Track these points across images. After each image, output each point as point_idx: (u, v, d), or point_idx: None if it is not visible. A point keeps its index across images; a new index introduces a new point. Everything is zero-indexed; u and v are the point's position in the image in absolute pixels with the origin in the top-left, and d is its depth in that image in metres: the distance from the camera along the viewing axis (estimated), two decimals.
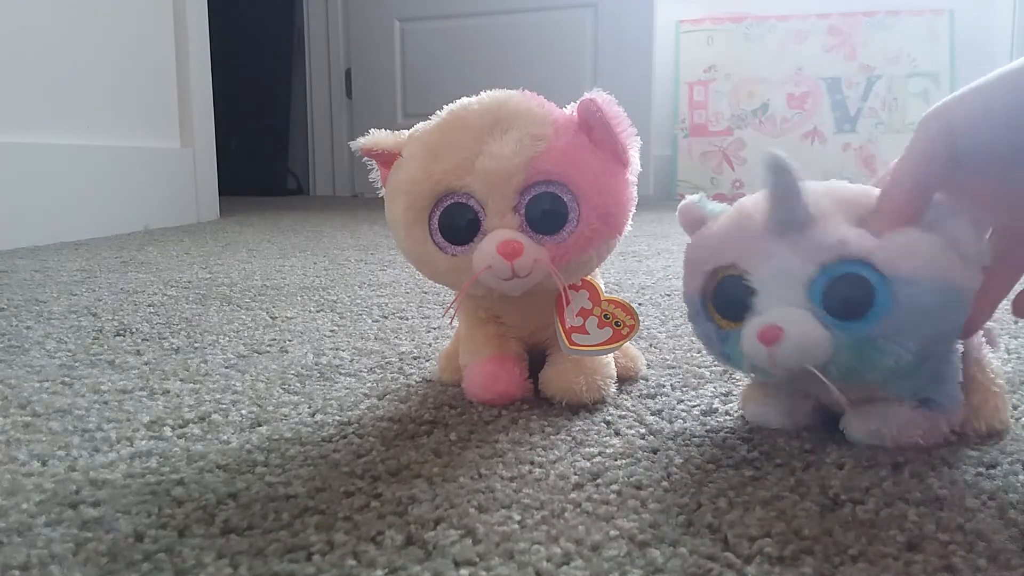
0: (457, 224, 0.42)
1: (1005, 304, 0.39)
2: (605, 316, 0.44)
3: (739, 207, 0.38)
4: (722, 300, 0.38)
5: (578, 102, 0.43)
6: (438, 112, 0.44)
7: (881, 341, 0.34)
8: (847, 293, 0.34)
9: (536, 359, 0.48)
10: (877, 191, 0.36)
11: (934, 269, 0.34)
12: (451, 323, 0.49)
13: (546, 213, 0.42)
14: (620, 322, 0.44)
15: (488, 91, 0.44)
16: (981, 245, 0.35)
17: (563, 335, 0.44)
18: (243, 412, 0.44)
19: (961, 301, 0.35)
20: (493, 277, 0.41)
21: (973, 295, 0.35)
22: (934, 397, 0.37)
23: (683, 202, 0.41)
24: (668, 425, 0.41)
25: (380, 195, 0.47)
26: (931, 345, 0.35)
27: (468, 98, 0.44)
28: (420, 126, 0.44)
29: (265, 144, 2.75)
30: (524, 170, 0.41)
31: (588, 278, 0.45)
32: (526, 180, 0.41)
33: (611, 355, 0.47)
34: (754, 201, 0.37)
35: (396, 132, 0.45)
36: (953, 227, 0.34)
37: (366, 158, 0.46)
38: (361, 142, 0.44)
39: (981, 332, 0.45)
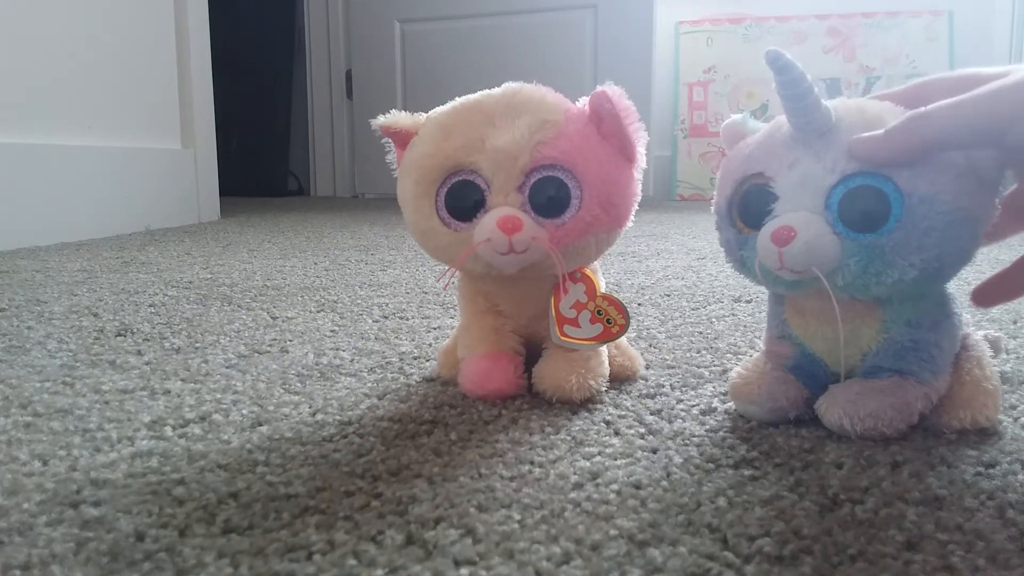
0: (462, 201, 0.43)
1: (1002, 305, 0.39)
2: (598, 312, 0.45)
3: (775, 121, 0.39)
4: (746, 207, 0.39)
5: (590, 95, 0.43)
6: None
7: (889, 253, 0.35)
8: (863, 205, 0.35)
9: (532, 353, 0.48)
10: (899, 110, 0.36)
11: (952, 192, 0.34)
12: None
13: (551, 200, 0.43)
14: (612, 320, 0.45)
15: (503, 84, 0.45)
16: (1001, 173, 0.36)
17: (555, 324, 0.45)
18: (244, 412, 0.44)
19: (973, 227, 0.36)
20: (491, 251, 0.42)
21: (986, 223, 0.36)
22: (913, 366, 0.38)
23: (727, 120, 0.42)
24: (667, 425, 0.41)
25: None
26: (936, 264, 0.36)
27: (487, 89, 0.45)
28: (438, 108, 0.45)
29: (266, 145, 2.75)
30: (531, 152, 0.42)
31: (588, 272, 0.46)
32: (532, 162, 0.42)
33: (605, 355, 0.47)
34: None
35: (414, 114, 0.46)
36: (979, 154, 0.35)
37: (385, 138, 0.47)
38: (381, 120, 0.46)
39: (985, 334, 0.45)
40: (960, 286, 0.39)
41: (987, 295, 0.39)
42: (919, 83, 0.39)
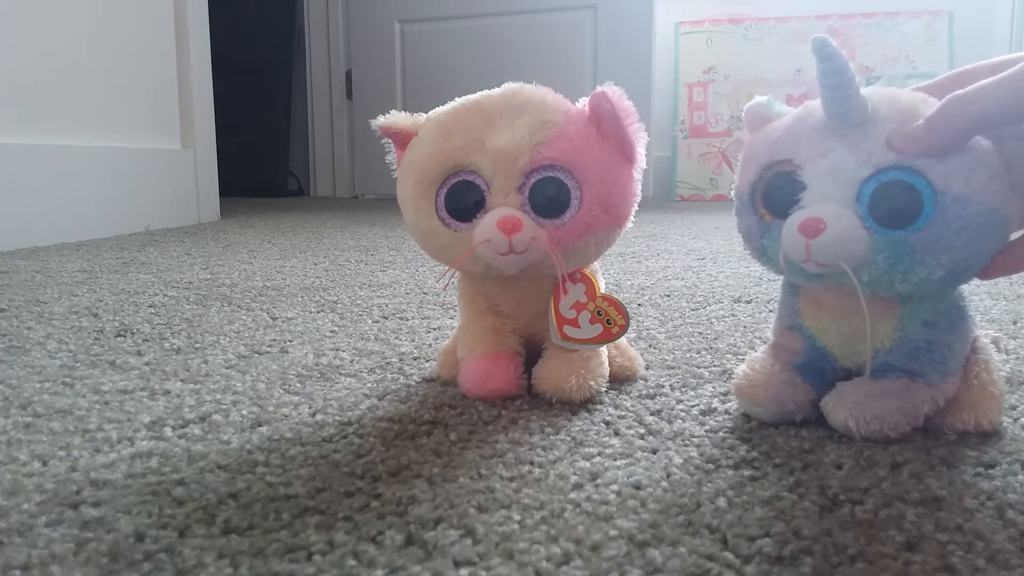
0: (462, 201, 0.43)
1: (1002, 305, 0.39)
2: (598, 312, 0.45)
3: (804, 106, 0.38)
4: (771, 193, 0.38)
5: (590, 95, 0.43)
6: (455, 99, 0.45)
7: (919, 252, 0.34)
8: (895, 201, 0.34)
9: (532, 353, 0.48)
10: (932, 101, 0.35)
11: (985, 193, 0.34)
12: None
13: (550, 200, 0.42)
14: (611, 320, 0.45)
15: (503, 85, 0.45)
16: None
17: (555, 325, 0.45)
18: (244, 412, 0.44)
19: (1003, 228, 0.35)
20: (490, 251, 0.42)
21: (1015, 225, 0.35)
22: (925, 367, 0.38)
23: (751, 102, 0.41)
24: (667, 425, 0.41)
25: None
26: (963, 265, 0.35)
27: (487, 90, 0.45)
28: (438, 109, 0.45)
29: (266, 145, 2.75)
30: (531, 152, 0.42)
31: (587, 273, 0.46)
32: (532, 162, 0.42)
33: (605, 355, 0.47)
34: (818, 102, 0.37)
35: (414, 114, 0.46)
36: (1013, 150, 0.34)
37: (385, 138, 0.47)
38: (381, 121, 0.45)
39: (984, 334, 0.45)
40: (969, 287, 0.39)
41: (993, 269, 0.38)
42: (957, 72, 0.38)
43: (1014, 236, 0.37)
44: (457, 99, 0.45)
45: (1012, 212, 0.35)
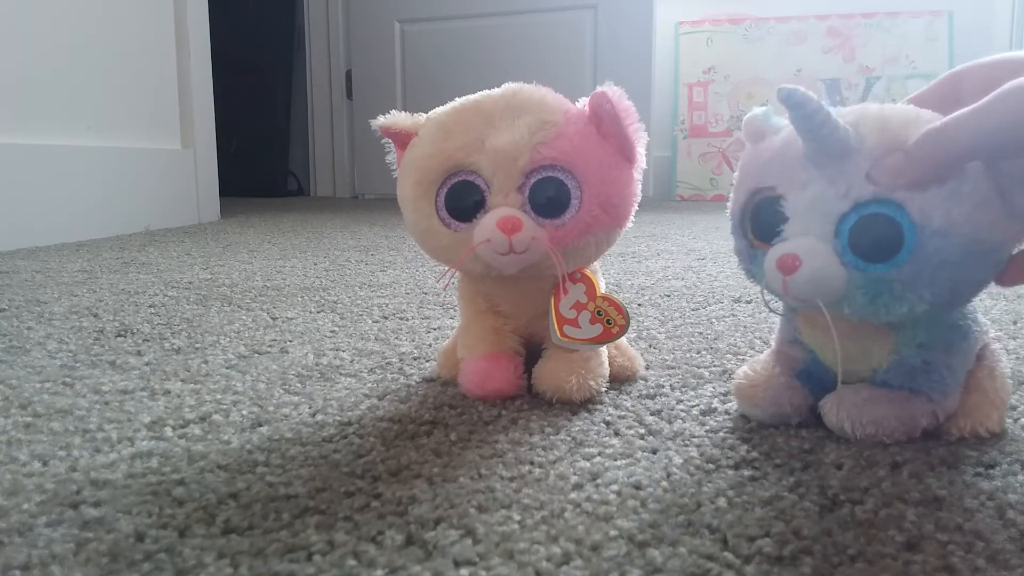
0: (462, 201, 0.43)
1: (1002, 305, 0.39)
2: (598, 312, 0.45)
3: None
4: (757, 220, 0.38)
5: (590, 95, 0.43)
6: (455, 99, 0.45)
7: (898, 287, 0.34)
8: (875, 235, 0.34)
9: (532, 353, 0.48)
10: (927, 116, 0.34)
11: (970, 223, 0.33)
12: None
13: (550, 200, 0.43)
14: (611, 320, 0.45)
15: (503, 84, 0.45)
16: None
17: (555, 325, 0.45)
18: (244, 412, 0.44)
19: (993, 256, 0.34)
20: (490, 251, 0.42)
21: (1013, 246, 0.34)
22: (923, 386, 0.38)
23: (749, 114, 0.40)
24: (667, 425, 0.41)
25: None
26: (948, 297, 0.35)
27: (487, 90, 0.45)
28: (438, 109, 0.45)
29: (266, 145, 2.75)
30: (531, 152, 0.42)
31: (588, 273, 0.46)
32: (532, 162, 0.42)
33: (605, 355, 0.47)
34: None
35: (414, 114, 0.46)
36: (1009, 171, 0.33)
37: (385, 138, 0.46)
38: (381, 121, 0.45)
39: (998, 344, 0.44)
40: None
41: (1010, 276, 0.36)
42: (952, 74, 0.37)
43: None
44: (457, 99, 0.45)
45: (1008, 236, 0.34)
